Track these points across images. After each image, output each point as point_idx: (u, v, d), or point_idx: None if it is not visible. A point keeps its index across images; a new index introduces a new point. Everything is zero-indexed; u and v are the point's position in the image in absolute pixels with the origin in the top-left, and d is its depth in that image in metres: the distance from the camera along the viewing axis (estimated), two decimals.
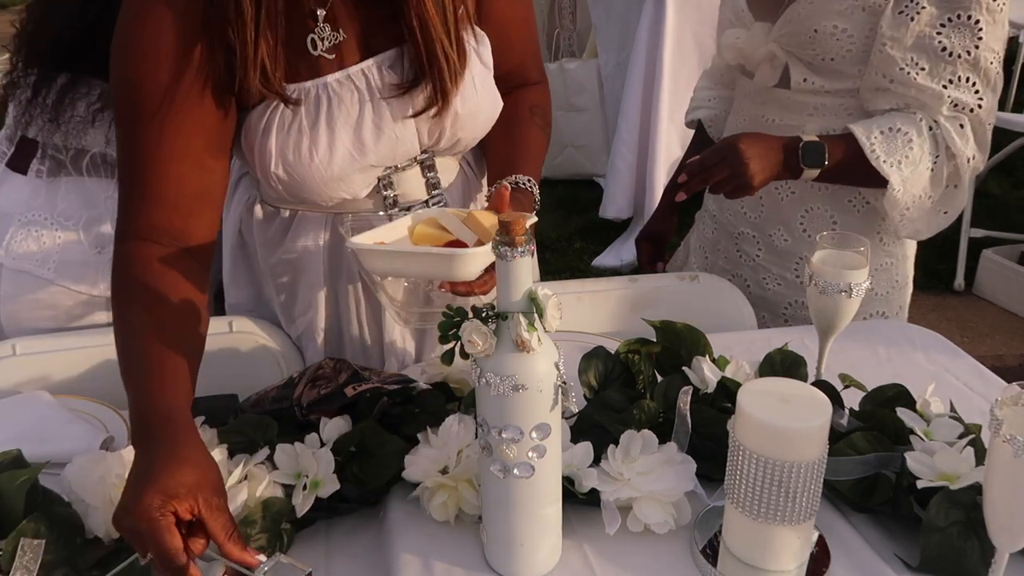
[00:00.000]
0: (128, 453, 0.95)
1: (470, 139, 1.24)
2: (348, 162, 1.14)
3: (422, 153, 1.23)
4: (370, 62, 1.14)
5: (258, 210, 1.29)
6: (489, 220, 1.07)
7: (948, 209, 1.39)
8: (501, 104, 1.25)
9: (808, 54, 1.41)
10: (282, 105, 1.10)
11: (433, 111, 1.15)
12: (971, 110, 1.33)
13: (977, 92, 1.33)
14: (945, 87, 1.32)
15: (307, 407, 1.05)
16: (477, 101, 1.19)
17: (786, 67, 1.45)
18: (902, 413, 1.04)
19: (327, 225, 1.26)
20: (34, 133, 1.44)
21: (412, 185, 1.24)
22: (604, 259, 3.79)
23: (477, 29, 1.20)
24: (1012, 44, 4.57)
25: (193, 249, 1.05)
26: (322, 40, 1.11)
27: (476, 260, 1.02)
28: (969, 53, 1.30)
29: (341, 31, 1.12)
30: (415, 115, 1.15)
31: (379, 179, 1.21)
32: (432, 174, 1.25)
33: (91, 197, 1.45)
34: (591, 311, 1.47)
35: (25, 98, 1.43)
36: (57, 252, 1.43)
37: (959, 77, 1.32)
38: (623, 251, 3.77)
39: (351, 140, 1.14)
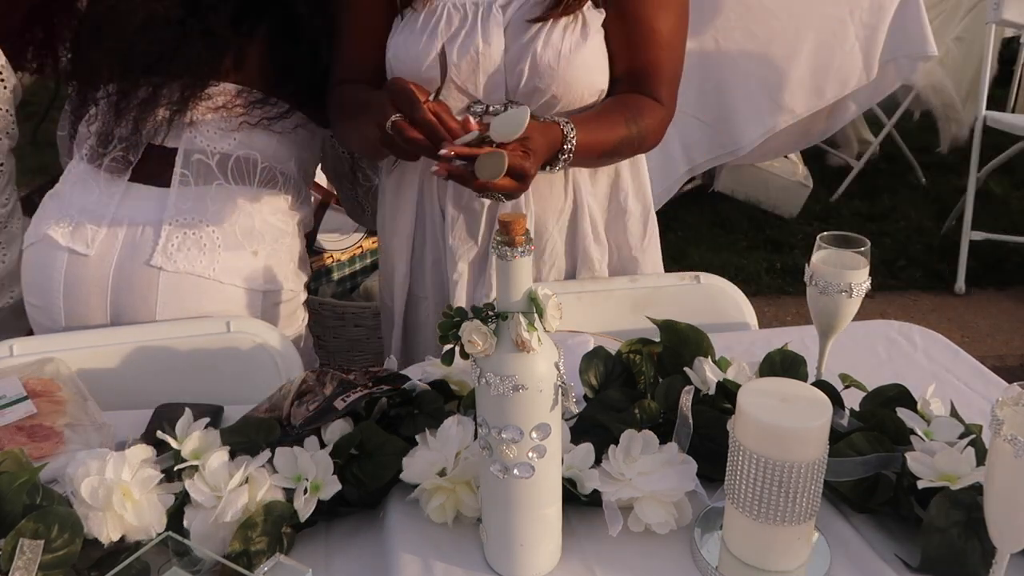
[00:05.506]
0: (129, 453, 0.95)
1: (547, 96, 1.30)
2: (434, 70, 1.30)
3: (511, 103, 1.31)
4: None
5: None
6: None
7: None
8: (591, 82, 1.31)
9: None
10: (411, 10, 1.33)
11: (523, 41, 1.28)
12: None
13: None
14: None
15: (299, 428, 1.03)
16: (559, 53, 1.27)
17: None
18: (902, 413, 1.04)
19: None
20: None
21: None
22: None
23: (596, 10, 1.31)
24: (1012, 44, 4.56)
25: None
26: None
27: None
28: None
29: None
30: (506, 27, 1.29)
31: (470, 107, 1.32)
32: None
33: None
34: (591, 311, 1.47)
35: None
36: None
37: None
38: None
39: (435, 50, 1.29)
